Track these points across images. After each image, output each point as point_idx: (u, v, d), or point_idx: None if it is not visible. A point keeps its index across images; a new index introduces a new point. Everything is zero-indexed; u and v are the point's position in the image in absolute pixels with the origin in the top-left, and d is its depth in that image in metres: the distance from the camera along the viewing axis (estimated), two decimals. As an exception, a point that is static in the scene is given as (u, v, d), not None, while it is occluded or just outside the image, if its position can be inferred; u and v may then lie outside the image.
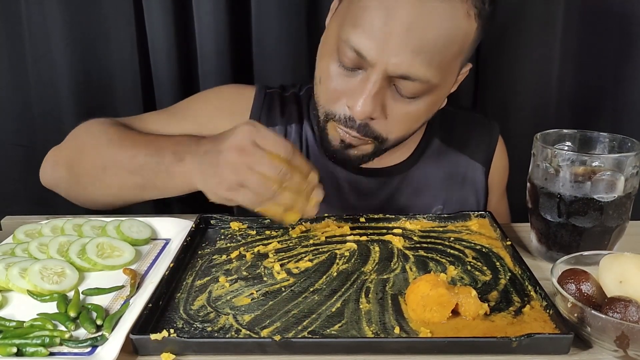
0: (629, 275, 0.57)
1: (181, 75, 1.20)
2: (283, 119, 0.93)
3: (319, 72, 0.80)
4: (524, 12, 1.16)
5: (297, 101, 0.95)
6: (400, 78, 0.72)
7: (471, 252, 0.74)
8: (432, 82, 0.73)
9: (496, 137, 0.99)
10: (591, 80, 1.22)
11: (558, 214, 0.71)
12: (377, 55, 0.70)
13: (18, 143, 1.27)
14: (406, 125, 0.80)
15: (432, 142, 0.95)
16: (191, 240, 0.75)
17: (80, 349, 0.55)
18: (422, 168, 0.94)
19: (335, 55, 0.76)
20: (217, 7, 1.12)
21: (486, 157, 0.98)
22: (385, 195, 0.93)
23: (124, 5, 1.16)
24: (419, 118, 0.80)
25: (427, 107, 0.78)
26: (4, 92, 1.23)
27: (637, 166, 0.69)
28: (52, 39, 1.17)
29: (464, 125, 0.98)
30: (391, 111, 0.76)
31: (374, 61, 0.71)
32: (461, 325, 0.58)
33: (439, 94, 0.78)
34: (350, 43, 0.72)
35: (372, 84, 0.72)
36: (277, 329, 0.57)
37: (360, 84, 0.74)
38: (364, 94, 0.73)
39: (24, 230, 0.77)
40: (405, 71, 0.71)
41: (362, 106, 0.73)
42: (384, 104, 0.75)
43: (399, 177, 0.93)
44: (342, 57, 0.74)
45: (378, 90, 0.73)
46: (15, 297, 0.65)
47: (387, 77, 0.72)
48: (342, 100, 0.77)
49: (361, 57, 0.72)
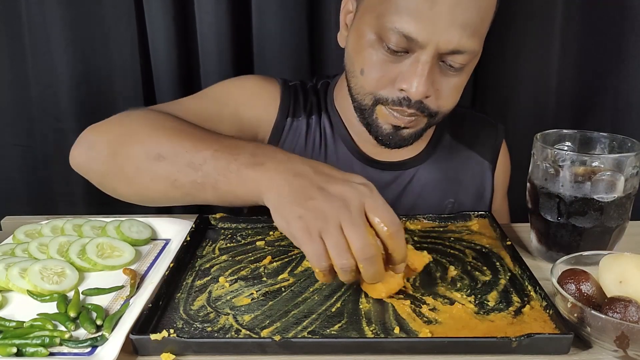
0: (629, 275, 0.57)
1: (182, 75, 1.20)
2: (305, 110, 0.94)
3: (359, 64, 0.80)
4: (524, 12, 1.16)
5: (316, 94, 0.97)
6: (451, 53, 0.74)
7: (471, 252, 0.74)
8: (478, 51, 0.77)
9: (502, 137, 1.01)
10: (591, 79, 1.22)
11: (558, 214, 0.71)
12: (428, 36, 0.72)
13: (18, 143, 1.27)
14: (455, 97, 0.82)
15: (444, 137, 0.97)
16: (191, 240, 0.75)
17: (80, 349, 0.55)
18: (435, 162, 0.96)
19: (377, 44, 0.77)
20: (218, 7, 1.12)
21: (493, 156, 1.00)
22: (399, 188, 0.95)
23: (124, 5, 1.16)
24: (462, 87, 0.82)
25: (467, 76, 0.81)
26: (4, 92, 1.23)
27: (637, 166, 0.69)
28: (52, 39, 1.17)
29: (472, 123, 1.00)
30: (441, 86, 0.78)
31: (425, 42, 0.73)
32: (461, 325, 0.58)
33: (475, 62, 0.81)
34: (397, 29, 0.73)
35: (424, 64, 0.74)
36: (277, 329, 0.57)
37: (411, 66, 0.75)
38: (418, 75, 0.75)
39: (24, 231, 0.77)
40: (456, 46, 0.73)
41: (417, 87, 0.75)
42: (434, 82, 0.77)
43: (413, 170, 0.95)
44: (389, 43, 0.75)
45: (430, 69, 0.75)
46: (15, 297, 0.65)
47: (437, 55, 0.74)
48: (393, 84, 0.78)
49: (411, 40, 0.73)
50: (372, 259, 0.55)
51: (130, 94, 1.22)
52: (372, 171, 0.93)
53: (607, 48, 1.19)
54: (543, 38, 1.17)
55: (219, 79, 1.16)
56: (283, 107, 0.93)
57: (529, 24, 1.17)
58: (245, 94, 0.92)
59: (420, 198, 0.95)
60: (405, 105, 0.78)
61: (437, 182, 0.95)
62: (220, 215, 0.83)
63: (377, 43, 0.76)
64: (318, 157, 0.93)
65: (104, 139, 0.74)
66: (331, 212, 0.55)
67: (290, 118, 0.93)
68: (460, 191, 0.97)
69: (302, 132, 0.93)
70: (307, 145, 0.93)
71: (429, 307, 0.61)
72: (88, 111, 1.22)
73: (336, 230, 0.54)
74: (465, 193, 0.97)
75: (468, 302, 0.62)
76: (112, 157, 0.71)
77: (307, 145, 0.93)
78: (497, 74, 1.21)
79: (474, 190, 0.98)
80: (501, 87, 1.22)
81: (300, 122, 0.93)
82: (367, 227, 0.55)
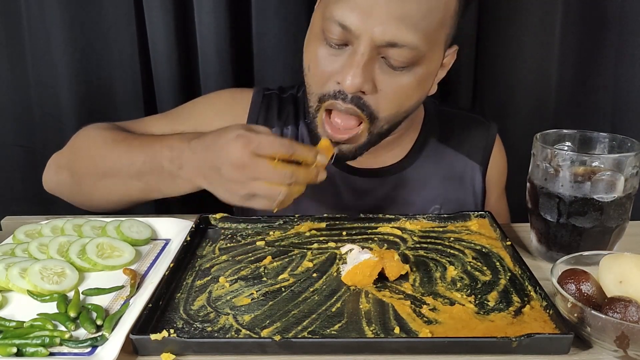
0: (629, 275, 0.57)
1: (182, 75, 1.20)
2: (280, 120, 0.95)
3: (306, 61, 0.81)
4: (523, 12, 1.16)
5: (295, 102, 0.96)
6: (388, 46, 0.72)
7: (471, 252, 0.74)
8: (420, 48, 0.73)
9: (493, 136, 0.99)
10: (591, 80, 1.21)
11: (558, 214, 0.71)
12: (363, 25, 0.71)
13: (18, 144, 1.27)
14: (398, 101, 0.78)
15: (429, 142, 0.95)
16: (191, 240, 0.75)
17: (80, 349, 0.55)
18: (419, 168, 0.94)
19: (320, 37, 0.76)
20: (218, 7, 1.12)
21: (483, 157, 0.98)
22: (382, 195, 0.94)
23: (124, 5, 1.16)
24: (409, 94, 0.79)
25: (417, 81, 0.77)
26: (4, 93, 1.23)
27: (637, 166, 0.69)
28: (52, 39, 1.17)
29: (461, 125, 0.98)
30: (381, 85, 0.75)
31: (359, 31, 0.72)
32: (461, 325, 0.58)
33: (428, 68, 0.77)
34: (335, 18, 0.72)
35: (360, 55, 0.72)
36: (277, 329, 0.57)
37: (348, 59, 0.74)
38: (353, 67, 0.73)
39: (24, 231, 0.77)
40: (391, 37, 0.71)
41: (352, 78, 0.73)
42: (374, 78, 0.75)
43: (395, 177, 0.93)
44: (328, 35, 0.74)
45: (367, 62, 0.73)
46: (15, 297, 0.65)
47: (375, 48, 0.72)
48: (332, 79, 0.77)
49: (346, 29, 0.72)
50: (294, 177, 0.67)
51: (130, 94, 1.22)
52: (353, 179, 0.93)
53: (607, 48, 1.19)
54: (543, 38, 1.17)
55: (219, 79, 1.17)
56: (251, 119, 0.94)
57: (529, 24, 1.17)
58: (208, 112, 0.94)
59: (404, 205, 0.93)
60: (340, 98, 0.76)
61: (422, 188, 0.94)
62: (220, 216, 0.83)
63: (321, 36, 0.76)
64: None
65: (64, 164, 0.87)
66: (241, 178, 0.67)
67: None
68: (447, 196, 0.95)
69: None
70: None
71: (429, 307, 0.61)
72: (88, 111, 1.22)
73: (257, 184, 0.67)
74: (452, 198, 0.95)
75: (468, 302, 0.62)
76: (72, 178, 0.85)
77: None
78: (497, 73, 1.21)
79: (463, 194, 0.96)
80: (501, 87, 1.22)
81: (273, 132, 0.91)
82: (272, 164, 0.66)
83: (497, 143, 1.00)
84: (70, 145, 0.89)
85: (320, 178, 0.72)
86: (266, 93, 0.97)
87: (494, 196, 1.02)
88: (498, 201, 1.03)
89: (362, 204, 0.93)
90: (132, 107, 1.23)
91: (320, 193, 0.91)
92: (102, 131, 0.86)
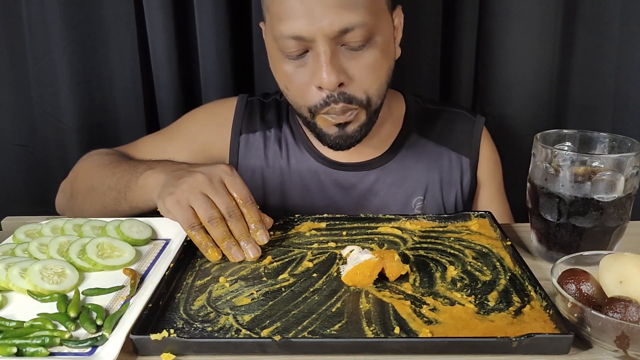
0: (629, 275, 0.57)
1: (182, 75, 1.20)
2: (263, 124, 1.00)
3: (281, 83, 0.86)
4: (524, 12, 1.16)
5: (277, 106, 1.02)
6: (341, 34, 0.76)
7: (471, 252, 0.74)
8: (369, 22, 0.77)
9: (480, 129, 1.01)
10: (591, 79, 1.21)
11: (558, 214, 0.71)
12: (311, 27, 0.75)
13: (18, 143, 1.27)
14: (375, 76, 0.82)
15: (410, 136, 0.99)
16: (191, 240, 0.75)
17: (80, 349, 0.55)
18: (400, 161, 0.97)
19: (281, 57, 0.81)
20: (218, 7, 1.12)
21: (470, 150, 0.99)
22: (365, 188, 0.97)
23: (124, 5, 1.16)
24: (380, 64, 0.82)
25: (381, 51, 0.81)
26: (4, 92, 1.23)
27: (637, 166, 0.69)
28: (52, 39, 1.17)
29: (444, 119, 1.01)
30: (353, 70, 0.80)
31: (311, 35, 0.76)
32: (461, 326, 0.58)
33: (384, 35, 0.82)
34: (285, 34, 0.77)
35: (323, 54, 0.77)
36: (277, 329, 0.57)
37: (315, 62, 0.79)
38: (322, 66, 0.77)
39: (24, 231, 0.77)
40: (340, 25, 0.75)
41: (327, 75, 0.77)
42: (344, 69, 0.79)
43: (378, 170, 0.97)
44: (287, 52, 0.79)
45: (331, 57, 0.77)
46: (15, 297, 0.65)
47: (331, 41, 0.77)
48: (310, 86, 0.81)
49: (300, 38, 0.77)
50: (236, 216, 0.71)
51: (130, 93, 1.22)
52: (336, 173, 0.97)
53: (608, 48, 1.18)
54: (543, 38, 1.17)
55: (219, 79, 1.17)
56: (235, 126, 1.00)
57: (529, 24, 1.17)
58: (195, 125, 1.01)
59: (387, 197, 0.97)
60: (332, 102, 0.80)
61: (404, 180, 0.97)
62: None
63: (281, 55, 0.81)
64: (280, 165, 0.98)
65: (66, 186, 0.97)
66: (196, 184, 0.71)
67: (245, 134, 0.99)
68: (430, 189, 0.97)
69: (260, 145, 0.99)
70: (267, 156, 0.98)
71: (429, 307, 0.61)
72: (88, 111, 1.22)
73: (201, 196, 0.70)
74: (436, 190, 0.98)
75: (468, 302, 0.62)
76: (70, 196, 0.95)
77: (267, 156, 0.98)
78: (497, 73, 1.21)
79: (448, 187, 0.98)
80: (501, 86, 1.22)
81: (256, 137, 0.99)
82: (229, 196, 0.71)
83: (484, 136, 1.01)
84: (72, 170, 0.98)
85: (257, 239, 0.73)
86: (249, 100, 1.02)
87: (488, 192, 1.02)
88: (494, 200, 1.03)
89: (347, 196, 0.97)
90: (132, 107, 1.23)
91: (305, 188, 0.97)
92: (101, 155, 0.95)
